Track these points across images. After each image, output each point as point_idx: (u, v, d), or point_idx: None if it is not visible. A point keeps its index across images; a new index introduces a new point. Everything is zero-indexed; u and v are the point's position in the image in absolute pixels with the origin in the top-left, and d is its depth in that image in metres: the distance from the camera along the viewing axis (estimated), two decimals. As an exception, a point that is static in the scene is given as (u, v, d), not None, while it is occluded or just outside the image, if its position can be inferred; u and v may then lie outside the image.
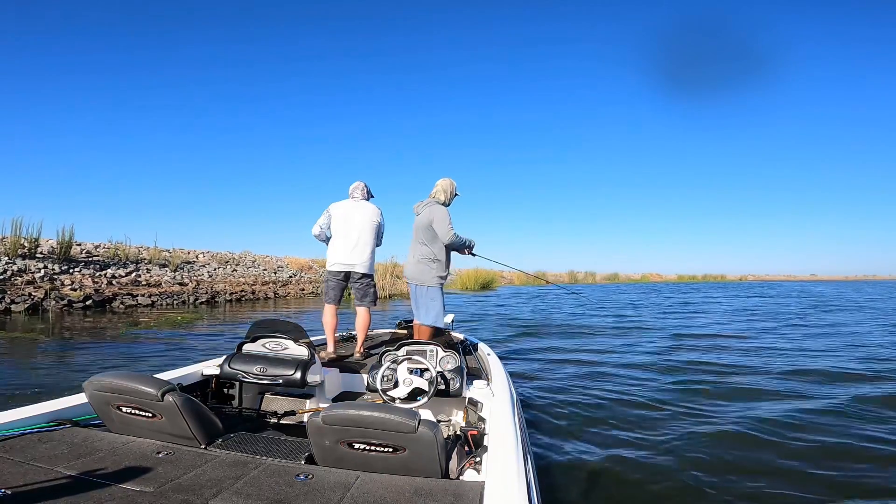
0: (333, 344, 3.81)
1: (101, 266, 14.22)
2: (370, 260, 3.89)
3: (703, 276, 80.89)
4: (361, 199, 3.98)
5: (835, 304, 19.58)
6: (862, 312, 15.67)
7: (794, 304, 19.51)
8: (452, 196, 4.01)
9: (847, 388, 5.20)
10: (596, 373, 6.05)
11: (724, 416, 4.23)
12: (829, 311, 16.39)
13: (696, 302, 21.56)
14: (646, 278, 73.26)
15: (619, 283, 54.39)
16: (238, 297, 15.94)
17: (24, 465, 1.53)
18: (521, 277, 47.13)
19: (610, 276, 63.74)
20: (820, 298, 24.17)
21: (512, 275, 47.79)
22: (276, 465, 1.65)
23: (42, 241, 14.19)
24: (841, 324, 12.09)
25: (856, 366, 6.40)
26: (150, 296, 13.21)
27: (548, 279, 31.44)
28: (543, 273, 49.92)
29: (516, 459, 1.64)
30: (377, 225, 3.91)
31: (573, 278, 54.76)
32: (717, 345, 8.44)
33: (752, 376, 5.83)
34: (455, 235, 3.79)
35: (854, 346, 8.28)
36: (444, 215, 3.79)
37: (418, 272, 3.84)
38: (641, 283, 60.50)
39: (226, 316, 12.18)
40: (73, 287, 12.30)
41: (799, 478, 3.03)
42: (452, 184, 4.03)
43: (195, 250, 20.33)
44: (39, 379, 5.14)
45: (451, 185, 4.01)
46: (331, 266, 3.89)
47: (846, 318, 13.52)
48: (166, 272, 15.76)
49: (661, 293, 29.09)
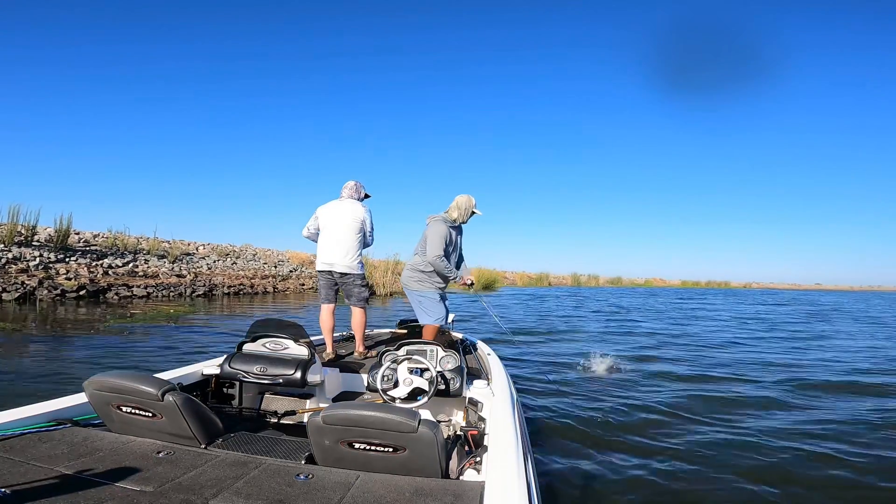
0: (331, 345, 3.80)
1: (98, 255, 14.04)
2: (354, 259, 3.86)
3: (706, 283, 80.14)
4: (348, 198, 3.95)
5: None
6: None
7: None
8: (468, 214, 3.93)
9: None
10: (596, 373, 6.02)
11: (730, 422, 4.17)
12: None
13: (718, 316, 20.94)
14: (649, 283, 72.78)
15: (623, 287, 53.95)
16: (236, 290, 15.72)
17: (23, 465, 1.53)
18: (524, 278, 47.06)
19: (613, 279, 63.27)
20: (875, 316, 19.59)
21: (514, 275, 47.67)
22: (277, 464, 1.65)
23: (40, 230, 14.06)
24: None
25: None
26: (146, 287, 13.00)
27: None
28: (546, 275, 49.73)
29: (516, 459, 1.63)
30: (359, 224, 3.85)
31: (576, 281, 54.44)
32: (733, 356, 8.10)
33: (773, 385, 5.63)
34: (439, 259, 3.76)
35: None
36: (436, 234, 3.77)
37: (408, 278, 3.96)
38: (645, 287, 60.03)
39: (222, 309, 11.97)
40: (67, 276, 12.12)
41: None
42: (470, 200, 3.93)
43: (195, 242, 20.15)
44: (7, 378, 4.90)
45: (467, 202, 3.92)
46: (318, 266, 3.97)
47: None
48: (164, 263, 15.57)
49: (680, 307, 28.52)
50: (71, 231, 14.20)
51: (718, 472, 3.11)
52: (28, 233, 13.06)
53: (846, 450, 3.58)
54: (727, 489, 2.92)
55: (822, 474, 3.18)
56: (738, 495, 2.86)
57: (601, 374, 6.00)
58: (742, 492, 2.90)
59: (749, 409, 4.63)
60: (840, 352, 8.82)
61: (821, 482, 3.07)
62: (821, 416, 4.50)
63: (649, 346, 8.93)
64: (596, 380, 5.66)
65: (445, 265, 3.80)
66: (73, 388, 2.25)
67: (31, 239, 13.18)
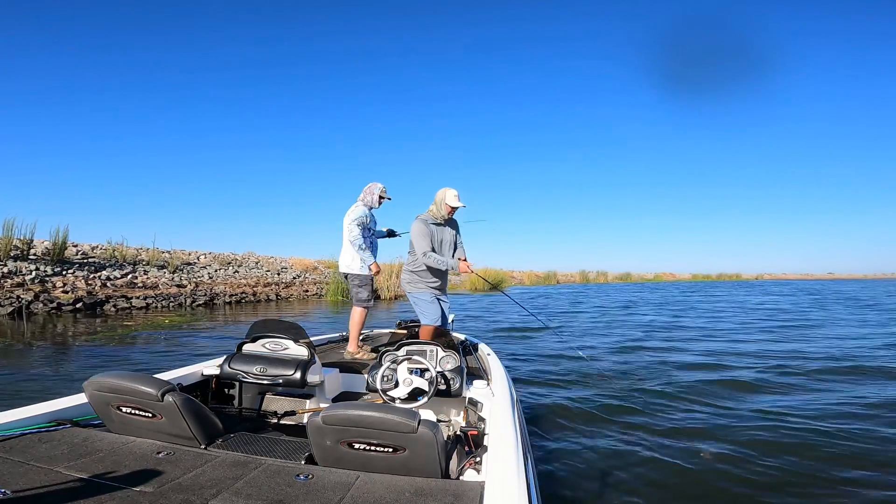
0: (352, 344, 3.92)
1: (96, 268, 13.79)
2: (351, 261, 4.00)
3: (717, 276, 78.99)
4: (358, 200, 4.06)
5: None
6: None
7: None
8: (443, 206, 3.75)
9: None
10: (596, 373, 5.95)
11: (740, 416, 4.14)
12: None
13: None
14: (659, 278, 71.85)
15: (632, 283, 53.22)
16: (238, 299, 15.42)
17: (24, 465, 1.53)
18: (532, 277, 46.56)
19: (622, 275, 62.37)
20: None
21: (522, 275, 47.19)
22: (277, 465, 1.65)
23: (38, 243, 13.87)
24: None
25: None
26: (145, 298, 12.73)
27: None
28: (554, 273, 49.17)
29: (516, 459, 1.63)
30: (350, 226, 3.90)
31: (584, 278, 53.78)
32: (736, 349, 7.74)
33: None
34: (425, 256, 3.70)
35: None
36: (415, 233, 3.73)
37: (403, 281, 4.02)
38: (654, 282, 59.21)
39: (223, 319, 11.64)
40: (64, 290, 11.87)
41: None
42: (443, 193, 3.77)
43: (196, 251, 19.89)
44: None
45: (440, 196, 3.78)
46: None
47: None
48: (164, 273, 15.31)
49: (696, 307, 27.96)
50: (68, 244, 13.99)
51: (719, 472, 3.08)
52: (24, 246, 12.85)
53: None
54: (728, 488, 2.88)
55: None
56: (738, 494, 2.82)
57: (601, 374, 5.89)
58: (744, 494, 2.84)
59: (750, 409, 4.44)
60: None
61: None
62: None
63: (649, 339, 8.81)
64: (596, 379, 5.58)
65: (435, 259, 3.71)
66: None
67: (28, 253, 12.96)
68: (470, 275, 4.15)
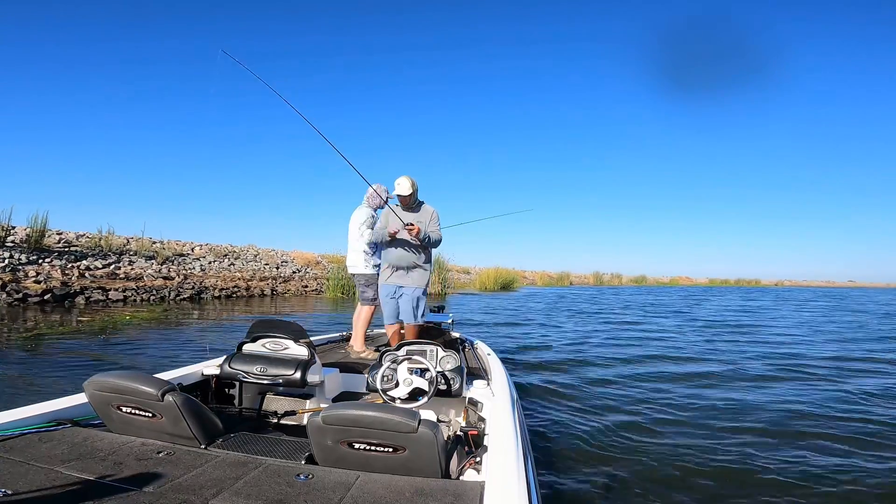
0: (358, 342, 4.02)
1: (76, 257, 12.91)
2: (355, 260, 4.14)
3: (735, 281, 76.37)
4: (363, 202, 4.20)
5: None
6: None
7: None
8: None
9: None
10: (596, 373, 5.85)
11: (736, 414, 4.21)
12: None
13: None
14: (674, 281, 69.77)
15: (648, 286, 51.44)
16: (228, 293, 14.45)
17: (24, 465, 1.52)
18: (544, 278, 45.24)
19: (637, 278, 60.48)
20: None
21: (534, 275, 45.87)
22: (277, 465, 1.65)
23: (20, 230, 13.09)
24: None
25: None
26: (124, 290, 11.79)
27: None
28: (568, 274, 47.74)
29: (516, 459, 1.65)
30: (361, 229, 4.09)
31: (599, 279, 52.19)
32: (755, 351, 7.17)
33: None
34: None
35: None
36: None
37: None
38: (670, 286, 57.26)
39: (206, 315, 10.63)
40: (37, 279, 10.98)
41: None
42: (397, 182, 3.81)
43: (191, 242, 19.00)
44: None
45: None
46: None
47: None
48: (152, 264, 14.40)
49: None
50: (50, 231, 13.15)
51: (718, 471, 3.06)
52: (2, 233, 12.04)
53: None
54: (728, 487, 2.86)
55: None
56: (738, 495, 2.78)
57: (602, 373, 5.84)
58: (745, 491, 2.82)
59: (752, 411, 4.41)
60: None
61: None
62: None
63: (651, 342, 8.66)
64: (597, 379, 5.52)
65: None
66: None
67: (5, 240, 12.14)
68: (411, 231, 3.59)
